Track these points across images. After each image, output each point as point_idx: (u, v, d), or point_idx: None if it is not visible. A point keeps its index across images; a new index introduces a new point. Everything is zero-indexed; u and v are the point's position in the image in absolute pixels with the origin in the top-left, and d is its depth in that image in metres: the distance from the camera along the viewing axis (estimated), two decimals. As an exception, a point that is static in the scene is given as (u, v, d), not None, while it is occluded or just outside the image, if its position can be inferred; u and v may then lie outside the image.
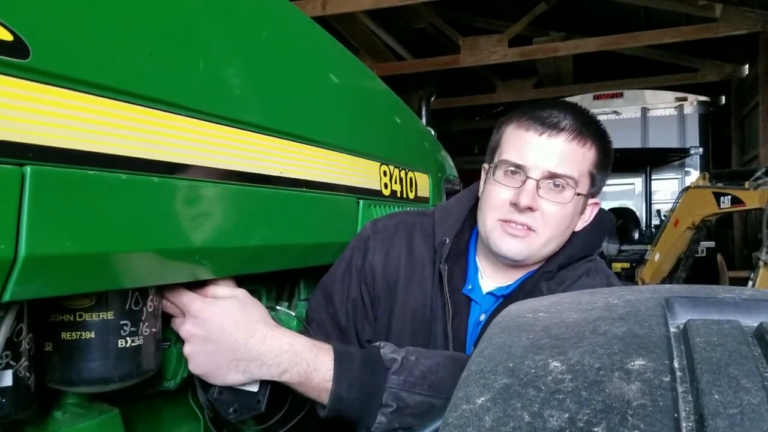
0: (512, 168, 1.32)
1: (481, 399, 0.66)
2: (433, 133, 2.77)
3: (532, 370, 0.67)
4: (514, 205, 1.29)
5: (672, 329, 0.74)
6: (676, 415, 0.58)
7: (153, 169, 0.85)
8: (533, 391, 0.64)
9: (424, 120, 5.17)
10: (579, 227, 1.39)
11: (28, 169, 0.69)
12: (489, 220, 1.35)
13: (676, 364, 0.66)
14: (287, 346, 1.06)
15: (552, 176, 1.29)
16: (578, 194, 1.31)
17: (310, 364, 1.07)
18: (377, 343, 1.15)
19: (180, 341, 1.09)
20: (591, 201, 1.40)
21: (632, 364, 0.66)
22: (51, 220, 0.72)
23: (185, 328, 1.06)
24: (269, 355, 1.05)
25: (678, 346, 0.70)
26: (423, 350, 1.15)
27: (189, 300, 1.05)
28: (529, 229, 1.31)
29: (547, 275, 1.36)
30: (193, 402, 1.31)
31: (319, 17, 6.75)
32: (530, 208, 1.29)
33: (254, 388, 1.10)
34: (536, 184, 1.29)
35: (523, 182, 1.29)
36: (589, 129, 1.33)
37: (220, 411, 1.11)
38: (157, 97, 0.86)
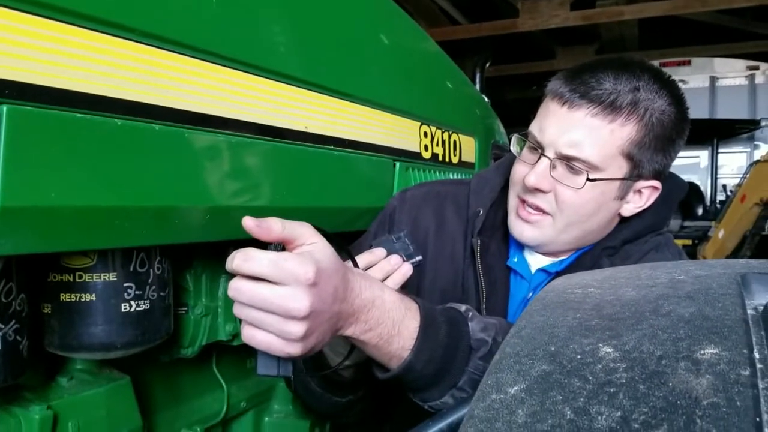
0: (533, 143, 1.19)
1: (514, 388, 0.56)
2: (486, 100, 2.64)
3: (578, 356, 0.57)
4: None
5: (750, 311, 0.64)
6: (758, 418, 0.48)
7: (153, 115, 0.77)
8: (578, 381, 0.54)
9: (477, 87, 5.02)
10: (628, 212, 1.23)
11: (4, 108, 0.62)
12: (510, 197, 1.25)
13: (756, 354, 0.56)
14: (378, 300, 0.89)
15: (565, 157, 1.14)
16: (596, 180, 1.13)
17: (395, 325, 0.90)
18: (462, 309, 1.01)
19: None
20: (644, 184, 1.20)
21: (702, 352, 0.56)
22: (32, 168, 0.65)
23: (306, 303, 0.76)
24: (363, 310, 0.87)
25: (758, 332, 0.60)
26: (508, 326, 1.01)
27: (301, 264, 0.77)
28: (544, 212, 1.18)
29: (610, 250, 1.23)
30: (217, 370, 1.25)
31: (372, -20, 6.59)
32: (539, 190, 1.16)
33: None
34: (550, 164, 1.15)
35: (538, 160, 1.16)
36: (634, 97, 1.12)
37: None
38: (159, 34, 0.77)
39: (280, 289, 0.75)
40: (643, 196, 1.22)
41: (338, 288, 0.82)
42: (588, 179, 1.13)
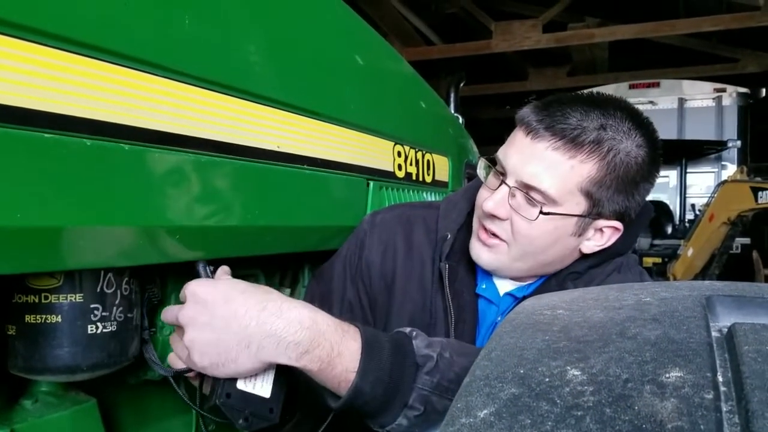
0: (499, 169, 1.19)
1: (483, 412, 0.56)
2: (460, 120, 2.66)
3: (546, 379, 0.57)
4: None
5: (714, 334, 0.64)
6: (720, 442, 0.48)
7: (123, 135, 0.76)
8: (546, 404, 0.54)
9: (452, 107, 5.08)
10: (589, 250, 1.21)
11: (-33, 128, 0.61)
12: (474, 221, 1.25)
13: (719, 378, 0.56)
14: (308, 321, 0.89)
15: (524, 187, 1.13)
16: (549, 213, 1.13)
17: (334, 347, 0.90)
18: (407, 330, 1.00)
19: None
20: (605, 223, 1.18)
21: (667, 375, 0.56)
22: (-4, 188, 0.63)
23: (183, 312, 0.90)
24: (288, 330, 0.88)
25: (722, 355, 0.60)
26: (457, 344, 1.02)
27: (186, 285, 0.92)
28: (500, 239, 1.18)
29: (575, 275, 1.24)
30: (186, 393, 1.22)
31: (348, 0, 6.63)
32: (495, 216, 1.16)
33: (266, 394, 0.95)
34: (509, 192, 1.15)
35: (499, 186, 1.17)
36: (598, 135, 1.10)
37: (230, 418, 0.96)
38: (128, 54, 0.77)
39: None
40: (604, 235, 1.20)
41: (236, 301, 0.89)
42: (541, 212, 1.12)
